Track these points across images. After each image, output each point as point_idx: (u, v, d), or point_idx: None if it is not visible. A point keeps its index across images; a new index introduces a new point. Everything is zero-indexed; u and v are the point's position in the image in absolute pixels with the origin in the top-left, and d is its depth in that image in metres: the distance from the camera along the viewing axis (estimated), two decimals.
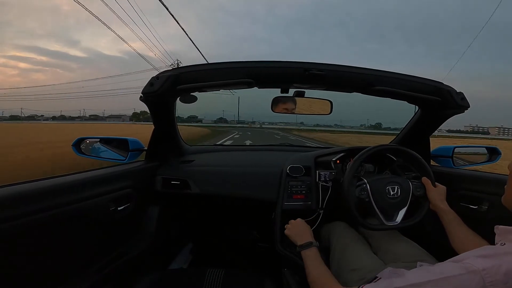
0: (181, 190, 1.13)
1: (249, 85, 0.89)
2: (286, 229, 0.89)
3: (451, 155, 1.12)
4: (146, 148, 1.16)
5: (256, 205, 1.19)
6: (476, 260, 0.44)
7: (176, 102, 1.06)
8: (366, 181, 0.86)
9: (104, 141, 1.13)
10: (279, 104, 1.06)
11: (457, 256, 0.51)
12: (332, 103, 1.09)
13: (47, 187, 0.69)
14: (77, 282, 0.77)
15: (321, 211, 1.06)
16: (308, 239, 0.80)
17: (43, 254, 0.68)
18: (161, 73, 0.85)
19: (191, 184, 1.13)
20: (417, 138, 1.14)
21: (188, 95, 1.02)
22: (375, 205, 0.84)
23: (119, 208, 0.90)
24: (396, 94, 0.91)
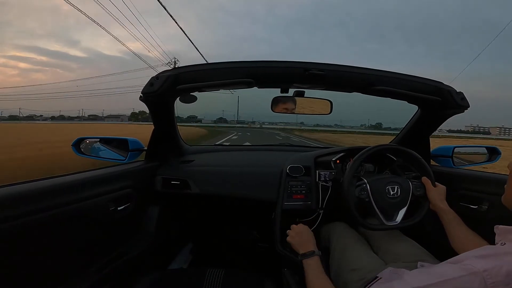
0: (181, 190, 1.13)
1: (249, 85, 0.89)
2: (288, 236, 0.88)
3: (451, 155, 1.12)
4: (146, 148, 1.16)
5: (256, 205, 1.19)
6: (476, 261, 0.44)
7: (176, 102, 1.06)
8: (366, 181, 0.86)
9: (104, 141, 1.13)
10: (279, 104, 1.06)
11: (457, 256, 0.50)
12: (332, 103, 1.09)
13: (47, 187, 0.69)
14: (77, 282, 0.77)
15: (321, 211, 1.06)
16: (310, 248, 0.79)
17: (43, 254, 0.68)
18: (160, 73, 0.85)
19: (191, 184, 1.13)
20: (417, 138, 1.14)
21: (188, 95, 1.02)
22: (375, 205, 0.84)
23: (119, 208, 0.90)
24: (396, 94, 0.91)
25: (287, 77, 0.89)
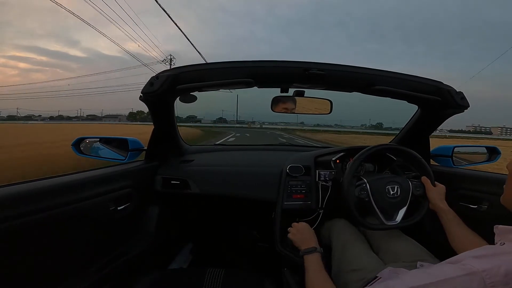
0: (181, 190, 1.13)
1: (248, 85, 0.89)
2: (289, 233, 0.88)
3: (450, 154, 1.12)
4: (146, 148, 1.16)
5: (256, 205, 1.19)
6: (475, 260, 0.44)
7: (176, 102, 1.06)
8: (366, 181, 0.86)
9: (103, 141, 1.13)
10: (279, 103, 1.06)
11: (456, 256, 0.50)
12: (332, 103, 1.08)
13: (47, 187, 0.69)
14: (77, 282, 0.77)
15: (321, 211, 1.05)
16: (312, 244, 0.79)
17: (43, 254, 0.68)
18: (160, 72, 0.85)
19: (191, 184, 1.13)
20: (417, 137, 1.14)
21: (187, 95, 1.01)
22: (375, 204, 0.84)
23: (119, 208, 0.90)
24: (396, 93, 0.91)
25: (287, 77, 0.89)
